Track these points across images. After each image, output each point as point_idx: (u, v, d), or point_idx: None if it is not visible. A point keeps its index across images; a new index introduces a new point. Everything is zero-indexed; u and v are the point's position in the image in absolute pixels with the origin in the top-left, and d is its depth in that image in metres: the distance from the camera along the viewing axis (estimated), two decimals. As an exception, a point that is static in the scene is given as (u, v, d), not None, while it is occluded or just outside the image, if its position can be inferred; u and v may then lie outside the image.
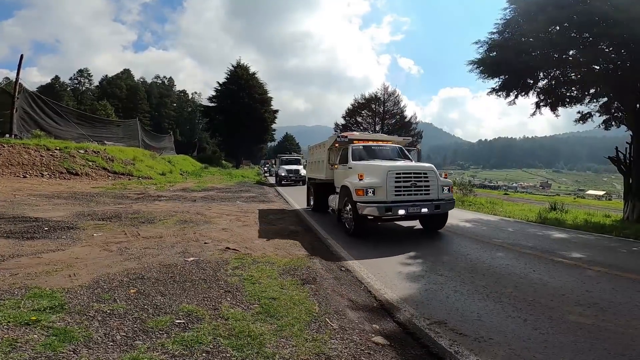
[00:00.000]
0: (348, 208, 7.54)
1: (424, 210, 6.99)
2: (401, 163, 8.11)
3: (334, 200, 9.13)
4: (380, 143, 9.80)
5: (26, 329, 2.77)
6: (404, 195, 7.00)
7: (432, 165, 7.50)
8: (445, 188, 7.38)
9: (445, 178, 7.70)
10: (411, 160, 9.01)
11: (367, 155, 8.82)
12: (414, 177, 7.12)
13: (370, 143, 9.61)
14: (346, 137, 9.69)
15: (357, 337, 3.05)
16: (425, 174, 7.23)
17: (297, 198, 14.95)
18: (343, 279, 4.74)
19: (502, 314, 3.62)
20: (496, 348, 2.92)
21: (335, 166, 9.33)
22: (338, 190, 8.73)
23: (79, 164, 17.53)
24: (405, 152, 9.50)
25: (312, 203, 11.88)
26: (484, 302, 3.94)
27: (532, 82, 12.16)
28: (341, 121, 41.05)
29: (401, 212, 6.87)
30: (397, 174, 7.01)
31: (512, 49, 10.86)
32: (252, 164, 66.71)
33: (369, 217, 7.09)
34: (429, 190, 7.17)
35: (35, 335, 2.68)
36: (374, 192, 6.93)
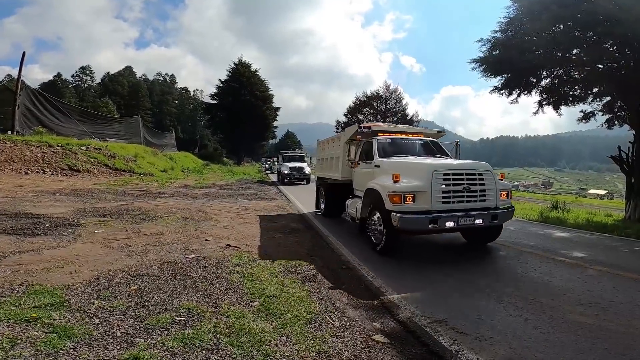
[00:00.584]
0: (376, 218, 6.04)
1: (479, 221, 5.55)
2: (446, 161, 6.45)
3: (353, 206, 7.55)
4: (410, 136, 8.20)
5: (27, 326, 2.78)
6: (453, 202, 5.48)
7: (488, 164, 6.01)
8: (503, 193, 5.99)
9: (502, 179, 6.26)
10: (450, 157, 7.50)
11: (396, 151, 7.30)
12: (467, 179, 5.57)
13: (398, 136, 8.00)
14: (369, 127, 7.97)
15: (358, 336, 3.05)
16: (481, 174, 5.68)
17: (299, 195, 14.93)
18: (344, 277, 4.74)
19: (503, 313, 3.61)
20: (497, 347, 2.91)
21: (356, 164, 7.84)
22: (359, 193, 7.28)
23: (81, 160, 17.56)
24: (442, 147, 7.94)
25: (322, 207, 10.24)
26: (485, 301, 3.93)
27: (534, 80, 12.10)
28: (342, 119, 41.09)
29: (450, 224, 5.36)
30: (445, 174, 5.47)
31: (515, 47, 10.80)
32: (254, 161, 66.75)
33: (405, 230, 5.57)
34: (484, 196, 5.69)
35: (35, 333, 2.69)
36: (414, 199, 5.39)
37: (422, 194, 5.40)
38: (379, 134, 7.92)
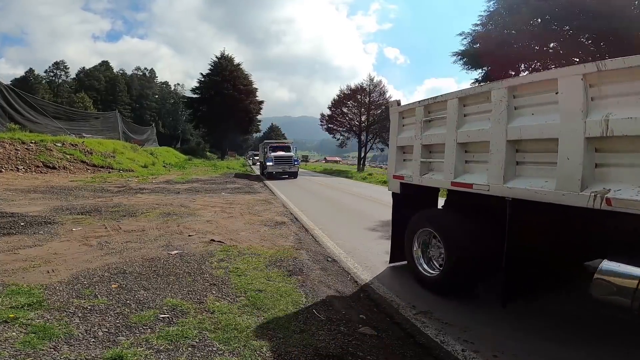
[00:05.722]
0: None
1: None
2: None
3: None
4: None
5: (4, 326, 2.68)
6: None
7: None
8: None
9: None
10: None
11: None
12: None
13: None
14: None
15: (345, 328, 3.05)
16: None
17: (286, 191, 14.80)
18: (329, 270, 4.75)
19: (487, 305, 3.67)
20: (481, 338, 2.96)
21: None
22: None
23: (56, 157, 16.99)
24: None
25: (422, 266, 4.22)
26: (470, 293, 3.98)
27: (513, 73, 12.33)
28: (327, 112, 41.06)
29: None
30: None
31: (494, 41, 10.97)
32: (238, 155, 66.09)
33: None
34: None
35: (14, 333, 2.60)
36: None
37: None
38: None
